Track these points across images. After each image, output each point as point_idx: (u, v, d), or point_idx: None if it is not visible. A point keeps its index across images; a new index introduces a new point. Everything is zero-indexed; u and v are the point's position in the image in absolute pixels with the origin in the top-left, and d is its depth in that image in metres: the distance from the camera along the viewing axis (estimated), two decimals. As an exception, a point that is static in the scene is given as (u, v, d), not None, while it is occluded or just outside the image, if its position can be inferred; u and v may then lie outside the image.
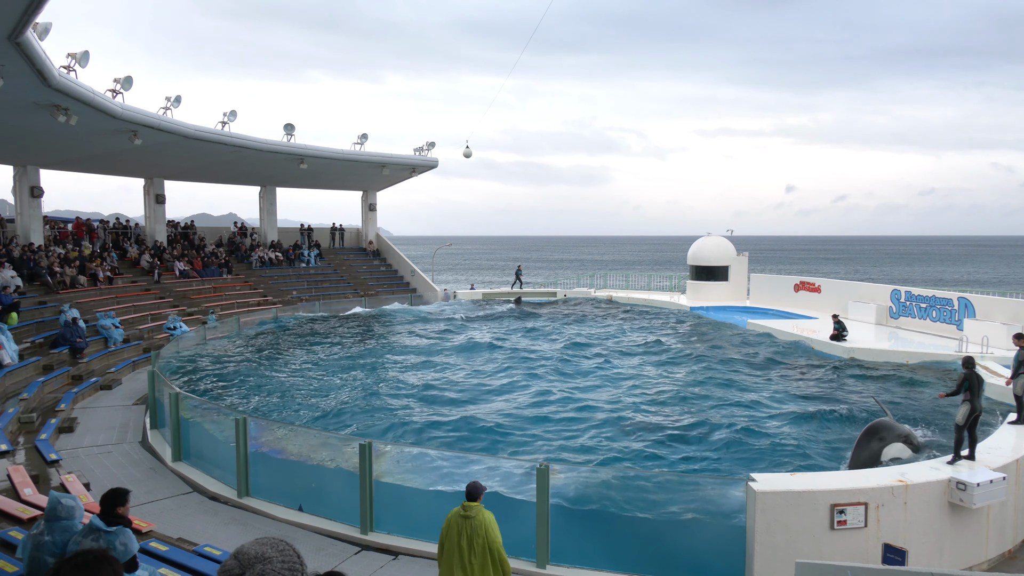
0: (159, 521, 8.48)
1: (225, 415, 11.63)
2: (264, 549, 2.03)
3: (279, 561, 2.01)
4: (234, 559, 2.02)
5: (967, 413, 9.39)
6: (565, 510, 8.49)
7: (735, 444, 12.71)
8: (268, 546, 2.05)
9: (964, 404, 9.48)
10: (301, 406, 15.79)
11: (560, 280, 47.58)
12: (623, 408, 15.45)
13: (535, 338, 24.98)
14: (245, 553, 2.02)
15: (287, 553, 2.05)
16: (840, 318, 21.78)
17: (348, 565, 7.97)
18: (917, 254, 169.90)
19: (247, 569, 1.98)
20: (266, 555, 2.01)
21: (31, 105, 17.06)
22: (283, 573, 1.99)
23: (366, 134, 33.99)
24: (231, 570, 1.99)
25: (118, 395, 16.38)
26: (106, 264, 26.09)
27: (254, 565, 1.98)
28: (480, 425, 14.30)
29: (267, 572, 1.97)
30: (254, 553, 2.02)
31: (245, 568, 1.98)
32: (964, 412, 9.42)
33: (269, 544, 2.06)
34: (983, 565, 8.86)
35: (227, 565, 2.01)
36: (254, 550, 2.03)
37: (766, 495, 7.89)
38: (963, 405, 9.49)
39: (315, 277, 35.59)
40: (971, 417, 9.39)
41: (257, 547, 2.05)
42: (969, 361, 9.92)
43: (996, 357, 17.92)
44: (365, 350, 23.11)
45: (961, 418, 9.41)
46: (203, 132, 25.73)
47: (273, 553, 2.02)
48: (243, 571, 1.98)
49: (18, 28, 11.90)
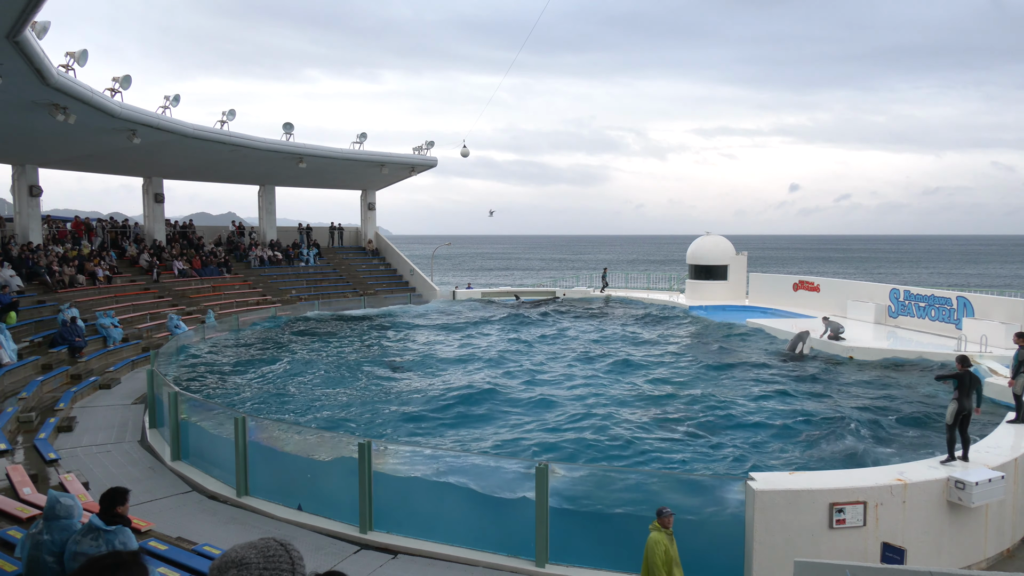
0: (158, 520, 8.47)
1: (224, 414, 11.62)
2: (247, 553, 1.95)
3: (258, 567, 1.91)
4: (218, 560, 1.96)
5: (955, 411, 9.38)
6: (564, 509, 8.49)
7: (733, 443, 12.71)
8: (255, 550, 1.96)
9: (952, 402, 9.49)
10: (300, 405, 15.79)
11: (559, 280, 47.57)
12: (622, 407, 15.45)
13: (532, 338, 24.95)
14: (227, 556, 1.95)
15: (274, 559, 1.96)
16: (830, 319, 21.72)
17: (347, 564, 7.97)
18: (920, 252, 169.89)
19: (221, 573, 1.91)
20: (246, 560, 1.92)
21: (30, 104, 17.04)
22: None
23: (365, 133, 34.01)
24: (210, 571, 1.94)
25: (117, 394, 16.37)
26: (105, 263, 26.06)
27: (228, 569, 1.91)
28: (478, 424, 14.30)
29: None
30: (233, 557, 1.94)
31: (220, 571, 1.91)
32: (952, 410, 9.42)
33: (258, 548, 1.98)
34: (981, 564, 8.87)
35: (212, 565, 1.97)
36: (236, 554, 1.95)
37: (765, 494, 7.89)
38: (951, 403, 9.50)
39: (314, 276, 35.57)
40: (959, 416, 9.34)
41: (242, 551, 1.96)
42: (965, 360, 9.84)
43: (995, 356, 17.93)
44: (364, 349, 23.10)
45: (950, 416, 9.40)
46: (202, 131, 25.71)
47: (256, 559, 1.93)
48: (218, 574, 1.91)
49: (16, 27, 11.87)
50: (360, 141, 34.07)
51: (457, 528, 8.71)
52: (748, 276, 33.58)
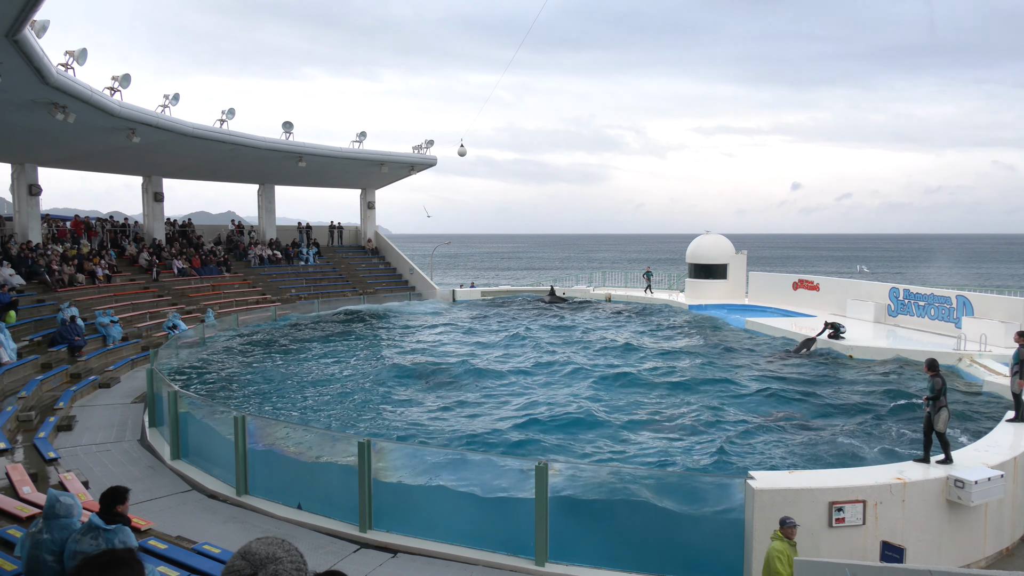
0: (158, 519, 8.46)
1: (224, 413, 11.62)
2: (274, 549, 2.01)
3: (289, 561, 1.99)
4: (243, 559, 1.98)
5: (947, 419, 9.15)
6: (564, 508, 8.49)
7: (733, 442, 12.72)
8: (276, 546, 2.03)
9: (942, 410, 9.20)
10: (300, 404, 15.79)
11: (559, 279, 47.59)
12: (620, 407, 15.45)
13: (530, 337, 24.95)
14: (255, 553, 1.99)
15: (293, 553, 2.03)
16: (832, 322, 21.69)
17: (347, 563, 7.97)
18: (917, 250, 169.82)
19: (259, 569, 1.95)
20: (276, 555, 1.99)
21: (29, 103, 17.02)
22: (293, 574, 1.98)
23: (365, 132, 33.95)
24: (242, 570, 1.96)
25: (117, 393, 16.37)
26: (104, 262, 26.06)
27: (266, 565, 1.96)
28: (477, 423, 14.30)
29: (280, 572, 1.95)
30: (265, 553, 1.99)
31: (257, 568, 1.95)
32: (944, 418, 9.16)
33: (276, 544, 2.04)
34: (981, 563, 8.88)
35: (236, 565, 1.98)
36: (264, 550, 2.00)
37: (765, 493, 7.90)
38: (941, 411, 9.20)
39: (314, 275, 35.56)
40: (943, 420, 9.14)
41: (266, 547, 2.02)
42: (934, 363, 9.52)
43: (994, 355, 17.95)
44: (364, 348, 23.11)
45: (942, 424, 9.14)
46: (201, 130, 25.68)
47: (282, 553, 2.01)
48: (255, 571, 1.95)
49: (16, 25, 11.85)
50: (360, 140, 34.03)
51: (457, 527, 8.71)
52: (748, 275, 33.59)
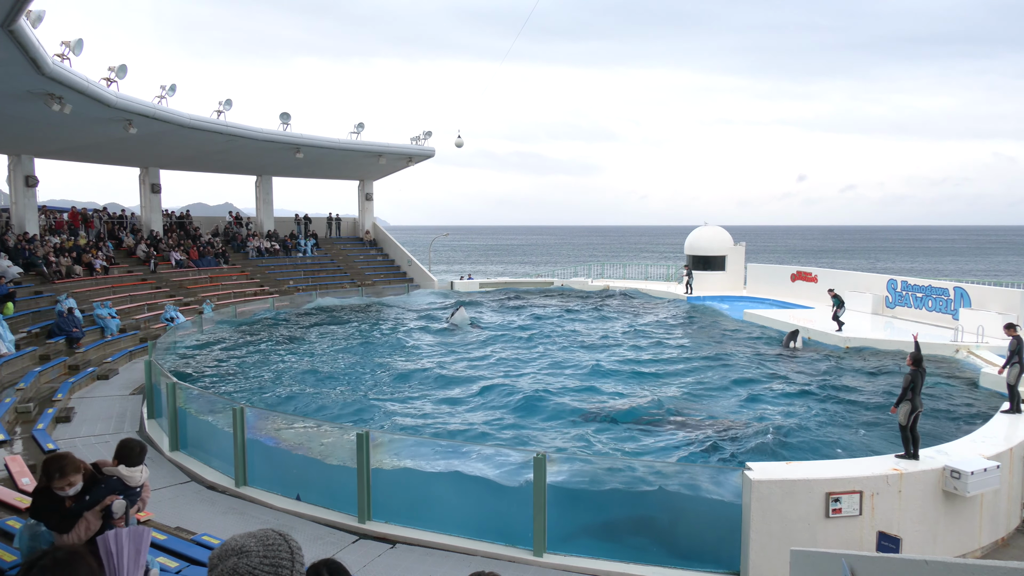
0: (156, 510, 8.49)
1: (222, 404, 11.63)
2: (247, 542, 1.99)
3: (258, 555, 1.96)
4: (218, 548, 2.00)
5: (908, 412, 9.12)
6: (561, 499, 8.52)
7: (730, 433, 12.75)
8: (254, 539, 2.00)
9: (905, 403, 9.18)
10: (298, 395, 15.80)
11: (557, 271, 47.58)
12: (618, 398, 15.48)
13: (530, 328, 24.97)
14: (227, 544, 1.99)
15: (274, 548, 2.00)
16: (836, 292, 21.83)
17: (346, 554, 7.99)
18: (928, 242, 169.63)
19: (221, 561, 1.95)
20: (246, 548, 1.97)
21: (25, 94, 16.92)
22: (260, 567, 1.94)
23: (362, 123, 33.82)
24: (211, 559, 1.98)
25: (115, 385, 16.36)
26: (102, 254, 26.01)
27: (228, 558, 1.95)
28: (477, 415, 14.32)
29: (239, 566, 1.93)
30: (233, 545, 1.98)
31: (220, 560, 1.95)
32: (906, 411, 9.14)
33: (257, 537, 2.01)
34: (976, 553, 8.93)
35: (212, 553, 2.00)
36: (236, 542, 1.99)
37: (762, 483, 7.93)
38: (904, 404, 9.19)
39: (312, 267, 35.53)
40: (912, 415, 9.11)
41: (242, 539, 2.00)
42: (918, 359, 9.48)
43: (992, 347, 17.99)
44: (363, 340, 23.11)
45: (903, 417, 9.13)
46: (198, 121, 25.57)
47: (256, 547, 1.98)
48: (218, 562, 1.95)
49: (11, 16, 11.78)
50: (357, 131, 33.91)
51: (455, 518, 8.74)
52: (746, 266, 33.62)
